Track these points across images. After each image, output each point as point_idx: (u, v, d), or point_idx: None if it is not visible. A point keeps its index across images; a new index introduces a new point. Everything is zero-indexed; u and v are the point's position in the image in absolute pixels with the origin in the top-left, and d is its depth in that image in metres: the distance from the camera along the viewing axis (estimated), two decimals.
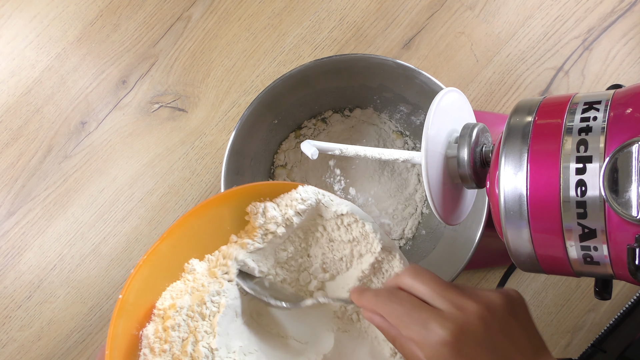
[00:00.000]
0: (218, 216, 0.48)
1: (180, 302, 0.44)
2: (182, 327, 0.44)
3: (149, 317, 0.44)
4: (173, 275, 0.47)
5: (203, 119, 0.69)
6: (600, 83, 0.69)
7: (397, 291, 0.39)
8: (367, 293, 0.41)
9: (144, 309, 0.44)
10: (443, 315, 0.36)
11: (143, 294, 0.44)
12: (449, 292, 0.37)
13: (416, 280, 0.39)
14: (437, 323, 0.35)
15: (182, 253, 0.47)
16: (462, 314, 0.36)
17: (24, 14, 0.70)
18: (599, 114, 0.34)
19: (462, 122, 0.45)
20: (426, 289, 0.38)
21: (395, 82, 0.60)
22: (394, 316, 0.38)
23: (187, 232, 0.47)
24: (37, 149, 0.69)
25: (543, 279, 0.67)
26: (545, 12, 0.70)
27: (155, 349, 0.43)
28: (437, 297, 0.37)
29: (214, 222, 0.48)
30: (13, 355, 0.66)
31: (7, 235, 0.67)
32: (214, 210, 0.47)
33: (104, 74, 0.70)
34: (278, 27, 0.70)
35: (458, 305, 0.36)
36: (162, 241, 0.45)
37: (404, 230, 0.65)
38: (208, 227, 0.47)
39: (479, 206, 0.55)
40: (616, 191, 0.31)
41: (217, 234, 0.48)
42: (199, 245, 0.48)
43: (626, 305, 0.62)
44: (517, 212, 0.35)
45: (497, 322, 0.36)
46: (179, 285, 0.46)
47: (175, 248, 0.46)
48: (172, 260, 0.46)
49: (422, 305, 0.37)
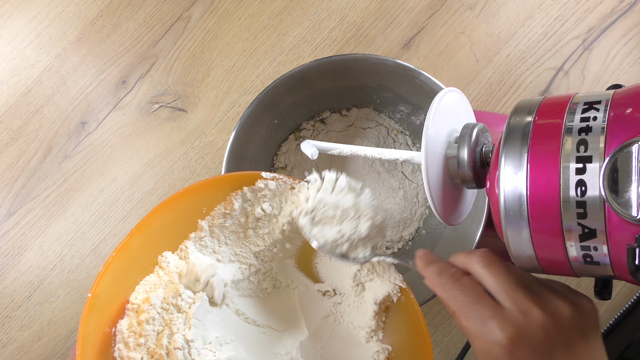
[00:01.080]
0: (188, 208, 0.48)
1: (155, 295, 0.44)
2: (157, 320, 0.44)
3: (122, 313, 0.44)
4: (146, 269, 0.47)
5: (203, 119, 0.69)
6: (600, 83, 0.69)
7: (463, 277, 0.38)
8: (433, 267, 0.39)
9: (117, 306, 0.44)
10: (504, 315, 0.35)
11: (115, 291, 0.44)
12: (517, 292, 0.35)
13: (487, 270, 0.37)
14: (497, 323, 0.34)
15: (154, 247, 0.47)
16: (524, 318, 0.34)
17: (24, 14, 0.70)
18: (599, 114, 0.34)
19: (462, 122, 0.45)
20: (495, 282, 0.36)
21: (395, 82, 0.60)
22: (455, 304, 0.37)
23: (159, 225, 0.46)
24: (37, 149, 0.69)
25: (543, 278, 0.67)
26: (545, 12, 0.70)
27: (130, 344, 0.43)
28: (504, 294, 0.35)
29: (185, 214, 0.48)
30: (13, 355, 0.66)
31: (7, 235, 0.67)
32: (184, 202, 0.47)
33: (104, 74, 0.70)
34: (278, 27, 0.70)
35: (523, 308, 0.35)
36: (130, 237, 0.45)
37: (403, 231, 0.65)
38: (179, 219, 0.47)
39: (479, 206, 0.55)
40: (616, 191, 0.31)
41: (189, 226, 0.48)
42: (171, 238, 0.48)
43: (626, 305, 0.62)
44: (517, 212, 0.35)
45: (560, 334, 0.35)
46: (152, 278, 0.46)
47: (147, 242, 0.46)
48: (145, 255, 0.46)
49: (486, 299, 0.36)
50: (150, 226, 0.46)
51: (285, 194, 0.49)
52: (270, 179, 0.48)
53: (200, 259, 0.48)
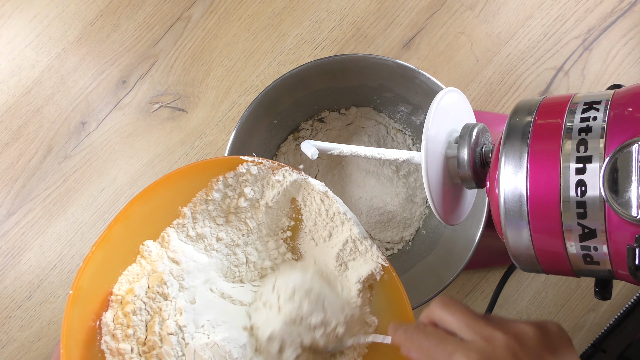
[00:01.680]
0: (169, 196, 0.48)
1: (138, 285, 0.44)
2: (144, 310, 0.44)
3: (107, 305, 0.44)
4: (128, 259, 0.46)
5: (203, 119, 0.69)
6: (600, 83, 0.69)
7: (426, 326, 0.39)
8: (400, 330, 0.41)
9: (100, 298, 0.44)
10: (469, 346, 0.35)
11: (97, 283, 0.44)
12: (477, 323, 0.36)
13: (445, 311, 0.38)
14: (462, 354, 0.35)
15: (135, 236, 0.47)
16: (488, 345, 0.35)
17: (24, 14, 0.70)
18: (599, 114, 0.34)
19: (462, 122, 0.45)
20: (454, 320, 0.37)
21: (395, 82, 0.60)
22: (422, 350, 0.37)
23: (139, 214, 0.46)
24: (37, 149, 0.69)
25: (543, 279, 0.67)
26: (545, 12, 0.70)
27: (117, 335, 0.43)
28: (465, 328, 0.37)
29: (165, 202, 0.47)
30: (13, 355, 0.66)
31: (7, 235, 0.67)
32: (164, 190, 0.47)
33: (104, 74, 0.70)
34: (278, 27, 0.70)
35: (485, 336, 0.35)
36: (110, 228, 0.45)
37: (403, 232, 0.65)
38: (160, 207, 0.47)
39: (479, 206, 0.55)
40: (616, 191, 0.31)
41: (170, 214, 0.48)
42: (153, 227, 0.48)
43: (626, 305, 0.62)
44: (517, 212, 0.35)
45: (527, 353, 0.35)
46: (135, 268, 0.46)
47: (127, 232, 0.46)
48: (126, 245, 0.46)
49: (449, 338, 0.37)
50: (130, 216, 0.46)
51: (267, 177, 0.50)
52: (251, 163, 0.48)
53: (180, 248, 0.48)
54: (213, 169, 0.48)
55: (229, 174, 0.49)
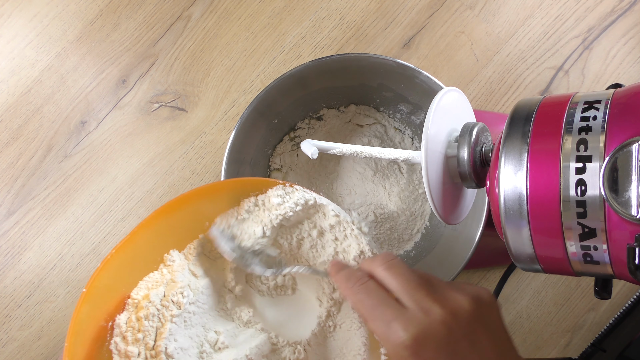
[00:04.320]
0: (198, 210, 0.47)
1: (155, 292, 0.44)
2: (156, 316, 0.44)
3: (122, 308, 0.44)
4: (151, 266, 0.46)
5: (203, 118, 0.69)
6: (600, 82, 0.69)
7: (368, 281, 0.39)
8: (342, 273, 0.41)
9: (116, 300, 0.44)
10: (407, 316, 0.36)
11: (115, 285, 0.44)
12: (417, 292, 0.37)
13: (388, 273, 0.38)
14: (400, 324, 0.35)
15: (161, 244, 0.46)
16: (425, 317, 0.36)
17: (23, 13, 0.70)
18: (598, 113, 0.34)
19: (462, 122, 0.45)
20: (396, 284, 0.38)
21: (395, 81, 0.60)
22: (362, 307, 0.38)
23: (166, 223, 0.46)
24: (37, 148, 0.69)
25: (543, 278, 0.67)
26: (545, 11, 0.70)
27: (128, 338, 0.43)
28: (405, 295, 0.37)
29: (194, 215, 0.47)
30: (13, 354, 0.66)
31: (7, 235, 0.67)
32: (195, 204, 0.47)
33: (103, 74, 0.70)
34: (278, 27, 0.70)
35: (424, 307, 0.36)
36: (134, 234, 0.44)
37: (412, 232, 0.65)
38: (188, 219, 0.47)
39: (479, 206, 0.55)
40: (616, 190, 0.31)
41: (197, 228, 0.48)
42: (179, 237, 0.48)
43: (626, 304, 0.62)
44: (517, 211, 0.35)
45: (461, 328, 0.36)
46: (155, 275, 0.46)
47: (154, 239, 0.46)
48: (151, 251, 0.46)
49: (389, 301, 0.37)
50: (158, 223, 0.46)
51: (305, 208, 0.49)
52: (288, 188, 0.47)
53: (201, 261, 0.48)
54: (248, 187, 0.48)
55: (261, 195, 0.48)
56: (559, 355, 0.67)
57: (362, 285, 0.39)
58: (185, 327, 0.45)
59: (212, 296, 0.48)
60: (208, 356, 0.46)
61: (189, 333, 0.45)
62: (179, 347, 0.44)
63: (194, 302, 0.46)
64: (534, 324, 0.67)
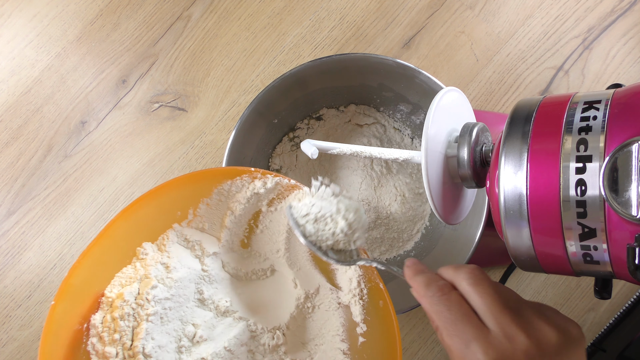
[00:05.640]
0: (170, 201, 0.47)
1: (128, 291, 0.44)
2: (131, 316, 0.44)
3: (97, 307, 0.44)
4: (124, 260, 0.46)
5: (203, 118, 0.69)
6: (600, 82, 0.69)
7: (451, 292, 0.37)
8: (421, 277, 0.38)
9: (91, 298, 0.44)
10: (489, 339, 0.34)
11: (91, 281, 0.44)
12: (503, 315, 0.34)
13: (474, 289, 0.36)
14: (480, 346, 0.34)
15: (134, 237, 0.46)
16: (509, 343, 0.34)
17: (24, 13, 0.70)
18: (598, 113, 0.34)
19: (462, 122, 0.45)
20: (482, 302, 0.35)
21: (395, 81, 0.60)
22: (440, 319, 0.36)
23: (141, 215, 0.46)
24: (37, 148, 0.69)
25: (543, 278, 0.67)
26: (545, 11, 0.70)
27: (104, 338, 0.43)
28: (490, 315, 0.35)
29: (166, 206, 0.47)
30: (13, 354, 0.66)
31: (7, 235, 0.67)
32: (166, 195, 0.47)
33: (103, 74, 0.70)
34: (278, 27, 0.70)
35: (508, 333, 0.34)
36: (109, 228, 0.44)
37: (412, 232, 0.65)
38: (161, 211, 0.47)
39: (479, 206, 0.55)
40: (616, 190, 0.31)
41: (170, 218, 0.48)
42: (153, 229, 0.48)
43: (626, 304, 0.62)
44: (517, 211, 0.35)
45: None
46: (129, 270, 0.46)
47: (128, 232, 0.46)
48: (125, 245, 0.46)
49: (472, 318, 0.35)
50: (131, 216, 0.46)
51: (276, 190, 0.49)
52: (268, 179, 0.48)
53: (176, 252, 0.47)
54: (219, 177, 0.48)
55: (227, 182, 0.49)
56: None
57: (444, 297, 0.36)
58: (162, 324, 0.45)
59: (188, 287, 0.48)
60: (187, 350, 0.46)
61: (166, 329, 0.45)
62: (157, 345, 0.44)
63: (169, 297, 0.46)
64: None
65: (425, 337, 0.67)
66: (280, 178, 0.48)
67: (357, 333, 0.47)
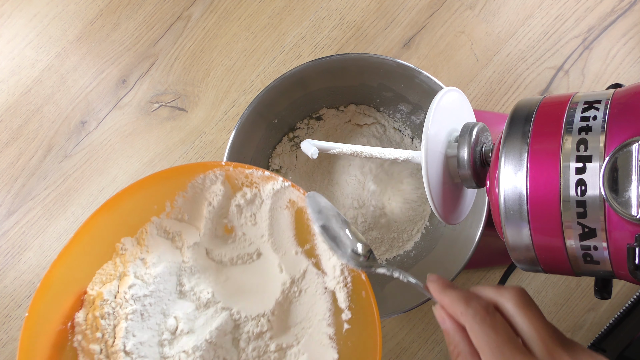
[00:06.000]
0: (146, 196, 0.48)
1: (107, 290, 0.44)
2: (112, 315, 0.44)
3: (80, 304, 0.44)
4: (105, 256, 0.46)
5: (203, 118, 0.69)
6: (600, 82, 0.69)
7: (494, 312, 0.35)
8: (457, 293, 0.36)
9: (73, 296, 0.44)
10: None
11: (72, 278, 0.44)
12: (553, 343, 0.33)
13: (522, 312, 0.34)
14: None
15: (114, 232, 0.46)
16: None
17: (23, 13, 0.70)
18: (598, 113, 0.34)
19: (462, 122, 0.45)
20: (530, 328, 0.34)
21: (395, 81, 0.60)
22: (482, 340, 0.34)
23: (120, 211, 0.46)
24: (37, 148, 0.69)
25: (543, 278, 0.67)
26: (545, 11, 0.70)
27: (88, 336, 0.43)
28: (540, 342, 0.33)
29: (145, 200, 0.48)
30: (13, 354, 0.66)
31: (7, 235, 0.67)
32: (145, 190, 0.47)
33: (103, 74, 0.70)
34: (278, 27, 0.70)
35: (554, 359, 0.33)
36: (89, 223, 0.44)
37: (412, 232, 0.65)
38: (139, 205, 0.47)
39: (479, 206, 0.55)
40: (616, 190, 0.31)
41: (148, 212, 0.48)
42: (132, 225, 0.48)
43: (626, 304, 0.62)
44: (517, 211, 0.35)
45: None
46: (109, 267, 0.46)
47: (107, 227, 0.46)
48: (105, 240, 0.46)
49: (518, 344, 0.33)
50: (111, 211, 0.46)
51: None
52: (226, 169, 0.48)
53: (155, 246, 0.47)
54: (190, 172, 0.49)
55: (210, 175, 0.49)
56: None
57: (489, 316, 0.34)
58: (143, 320, 0.45)
59: (169, 280, 0.47)
60: (169, 344, 0.46)
61: (148, 324, 0.45)
62: (138, 341, 0.44)
63: (148, 294, 0.45)
64: None
65: (426, 337, 0.67)
66: (244, 169, 0.48)
67: (342, 319, 0.47)
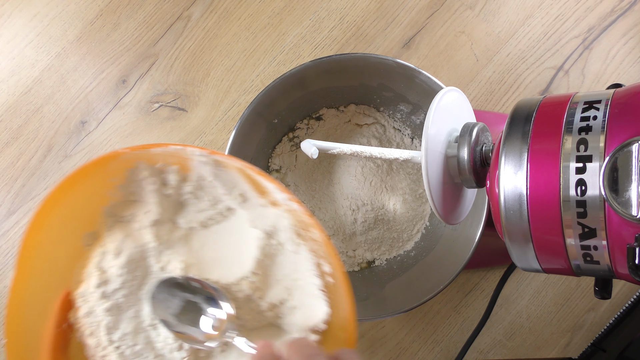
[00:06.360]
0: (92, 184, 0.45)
1: (82, 290, 0.44)
2: (92, 314, 0.44)
3: (69, 304, 0.44)
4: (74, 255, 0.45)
5: (203, 118, 0.69)
6: (600, 82, 0.69)
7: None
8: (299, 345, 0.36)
9: (59, 299, 0.44)
10: None
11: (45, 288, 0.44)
12: None
13: None
14: None
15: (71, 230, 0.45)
16: None
17: (23, 13, 0.70)
18: (599, 113, 0.34)
19: (462, 122, 0.45)
20: None
21: (395, 81, 0.60)
22: None
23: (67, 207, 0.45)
24: (37, 148, 0.69)
25: (543, 278, 0.67)
26: (545, 11, 0.70)
27: (85, 332, 0.44)
28: None
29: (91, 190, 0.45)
30: None
31: (8, 235, 0.67)
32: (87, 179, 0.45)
33: (103, 74, 0.70)
34: (278, 27, 0.70)
35: None
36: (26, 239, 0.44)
37: (412, 232, 0.65)
38: (86, 196, 0.45)
39: (479, 205, 0.55)
40: (616, 190, 0.31)
41: (98, 201, 0.46)
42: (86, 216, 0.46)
43: (626, 304, 0.62)
44: (517, 211, 0.36)
45: None
46: (78, 266, 0.45)
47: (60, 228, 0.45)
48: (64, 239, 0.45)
49: None
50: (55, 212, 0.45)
51: None
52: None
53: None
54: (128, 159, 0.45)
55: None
56: (559, 355, 0.67)
57: None
58: (121, 313, 0.45)
59: (139, 266, 0.46)
60: (154, 328, 0.45)
61: (128, 315, 0.45)
62: (123, 333, 0.44)
63: (119, 287, 0.45)
64: (534, 324, 0.67)
65: (426, 337, 0.67)
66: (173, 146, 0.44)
67: (325, 271, 0.45)
